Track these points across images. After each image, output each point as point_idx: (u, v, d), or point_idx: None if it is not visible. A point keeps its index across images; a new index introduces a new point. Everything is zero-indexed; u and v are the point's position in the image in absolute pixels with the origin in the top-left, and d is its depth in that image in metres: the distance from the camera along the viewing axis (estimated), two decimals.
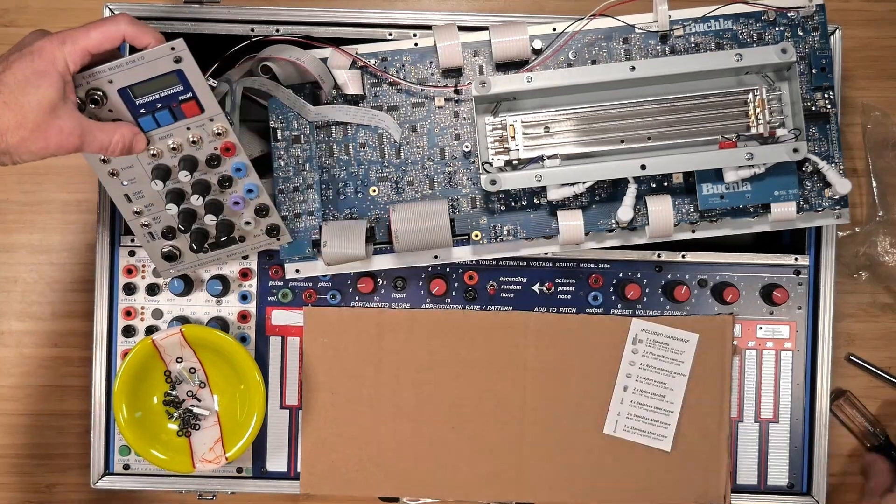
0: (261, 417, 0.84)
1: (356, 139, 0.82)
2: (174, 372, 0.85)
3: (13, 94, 0.64)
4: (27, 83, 0.65)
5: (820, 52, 0.79)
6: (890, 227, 0.97)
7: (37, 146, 0.66)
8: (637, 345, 0.87)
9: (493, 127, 0.78)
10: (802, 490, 0.89)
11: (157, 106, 0.73)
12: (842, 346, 0.99)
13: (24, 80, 0.65)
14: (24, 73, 0.65)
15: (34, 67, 0.65)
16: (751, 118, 0.77)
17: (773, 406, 0.89)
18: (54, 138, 0.66)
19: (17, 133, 0.64)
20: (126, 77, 0.71)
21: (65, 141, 0.66)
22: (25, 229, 0.99)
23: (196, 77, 0.72)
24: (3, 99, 0.64)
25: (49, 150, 0.66)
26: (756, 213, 0.81)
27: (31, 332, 0.99)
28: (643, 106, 0.77)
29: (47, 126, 0.65)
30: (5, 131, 0.64)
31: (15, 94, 0.64)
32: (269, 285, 0.88)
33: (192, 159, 0.76)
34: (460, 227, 0.81)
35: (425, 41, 0.81)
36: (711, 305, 0.88)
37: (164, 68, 0.71)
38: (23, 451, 0.99)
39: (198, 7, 0.85)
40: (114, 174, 0.77)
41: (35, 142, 0.65)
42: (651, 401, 0.87)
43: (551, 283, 0.88)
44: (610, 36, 0.80)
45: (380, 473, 0.88)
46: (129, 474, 0.88)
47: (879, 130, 0.98)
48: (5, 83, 0.64)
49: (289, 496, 0.98)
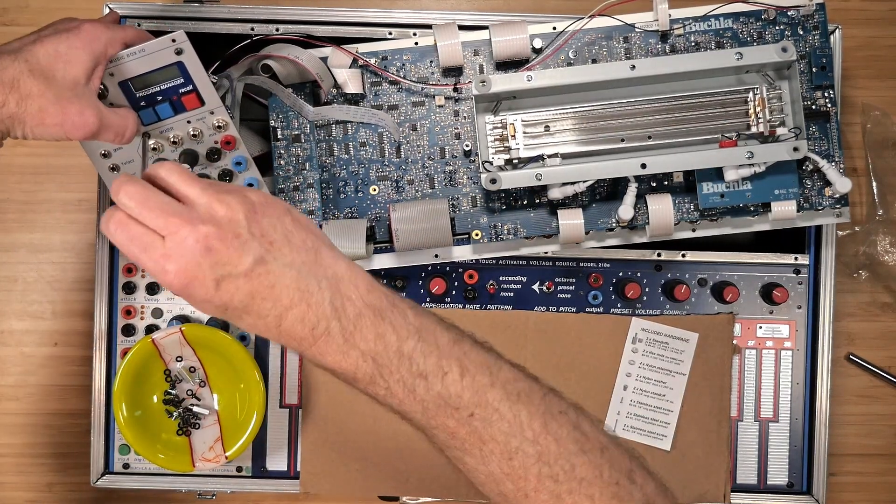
0: (260, 416, 0.84)
1: (356, 138, 0.82)
2: (174, 371, 0.85)
3: (40, 64, 0.63)
4: (59, 57, 0.64)
5: (820, 51, 0.79)
6: (890, 226, 0.97)
7: (53, 120, 0.64)
8: (637, 344, 0.87)
9: (493, 126, 0.78)
10: (802, 489, 0.89)
11: (158, 99, 0.73)
12: (842, 345, 0.99)
13: (56, 54, 0.64)
14: (56, 48, 0.64)
15: (70, 44, 0.65)
16: (751, 117, 0.77)
17: (773, 405, 0.89)
18: (72, 117, 0.64)
19: (38, 101, 0.63)
20: (127, 69, 0.71)
21: (83, 122, 0.65)
22: (26, 228, 0.99)
23: (197, 69, 0.72)
24: (29, 67, 0.63)
25: (64, 128, 0.65)
26: (756, 211, 0.81)
27: (32, 332, 0.99)
28: (643, 105, 0.77)
29: (68, 103, 0.64)
30: (27, 97, 0.63)
31: (42, 65, 0.63)
32: None
33: (192, 153, 0.76)
34: (460, 226, 0.81)
35: (425, 40, 0.81)
36: (711, 305, 0.88)
37: (165, 60, 0.71)
38: (23, 450, 0.99)
39: (198, 6, 0.85)
40: (114, 169, 0.77)
41: (53, 115, 0.64)
42: (651, 400, 0.87)
43: (551, 283, 0.88)
44: (610, 35, 0.80)
45: (380, 473, 0.88)
46: (128, 473, 0.88)
47: (879, 130, 0.98)
48: (34, 53, 0.63)
49: (289, 495, 0.98)
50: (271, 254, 0.54)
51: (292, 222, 0.56)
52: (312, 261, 0.55)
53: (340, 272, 0.56)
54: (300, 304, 0.54)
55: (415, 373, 0.56)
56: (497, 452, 0.58)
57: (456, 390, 0.57)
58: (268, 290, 0.54)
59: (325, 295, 0.55)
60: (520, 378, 0.60)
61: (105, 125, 0.67)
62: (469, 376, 0.57)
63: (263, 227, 0.54)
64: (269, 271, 0.53)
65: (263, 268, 0.53)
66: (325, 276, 0.55)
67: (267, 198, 0.56)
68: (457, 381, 0.57)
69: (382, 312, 0.56)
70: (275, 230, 0.55)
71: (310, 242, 0.56)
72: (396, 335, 0.56)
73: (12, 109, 0.63)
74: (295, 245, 0.55)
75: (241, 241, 0.53)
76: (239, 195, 0.54)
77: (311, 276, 0.55)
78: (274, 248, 0.54)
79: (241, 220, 0.53)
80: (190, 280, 0.53)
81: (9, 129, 0.65)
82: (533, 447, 0.58)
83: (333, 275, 0.56)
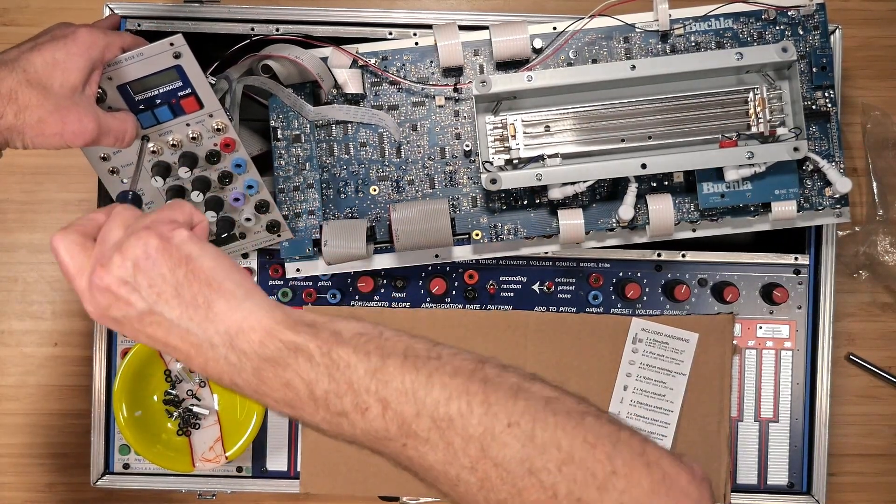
0: (260, 417, 0.84)
1: (356, 138, 0.82)
2: (174, 371, 0.85)
3: (38, 73, 0.63)
4: (56, 65, 0.64)
5: (820, 51, 0.79)
6: (890, 226, 0.97)
7: (52, 130, 0.64)
8: (637, 344, 0.87)
9: (493, 126, 0.78)
10: (802, 489, 0.89)
11: (157, 102, 0.73)
12: (842, 345, 0.99)
13: (52, 63, 0.64)
14: (53, 55, 0.64)
15: (67, 51, 0.64)
16: (751, 117, 0.77)
17: (773, 405, 0.89)
18: (71, 125, 0.65)
19: (37, 112, 0.63)
20: (125, 73, 0.71)
21: (81, 132, 0.65)
22: (26, 229, 0.99)
23: (195, 73, 0.72)
24: (27, 77, 0.63)
25: (64, 136, 0.65)
26: (757, 211, 0.81)
27: (32, 332, 0.99)
28: (644, 105, 0.77)
29: (67, 111, 0.64)
30: (25, 108, 0.63)
31: (40, 75, 0.63)
32: (270, 284, 0.87)
33: (191, 156, 0.76)
34: (461, 227, 0.81)
35: (426, 40, 0.81)
36: (711, 305, 0.88)
37: (164, 64, 0.71)
38: (23, 451, 0.99)
39: (198, 6, 0.85)
40: (114, 172, 0.77)
41: (52, 125, 0.64)
42: (651, 400, 0.87)
43: (551, 283, 0.88)
44: (610, 35, 0.80)
45: (380, 473, 0.88)
46: (128, 473, 0.88)
47: (879, 130, 0.98)
48: (31, 62, 0.63)
49: (289, 496, 0.98)
50: (159, 305, 0.53)
51: (185, 274, 0.54)
52: (203, 317, 0.53)
53: (235, 325, 0.53)
54: (198, 357, 0.54)
55: (334, 412, 0.54)
56: (442, 480, 0.54)
57: (380, 425, 0.54)
58: (163, 338, 0.54)
59: (219, 352, 0.53)
60: (452, 398, 0.53)
61: (104, 131, 0.68)
62: (391, 410, 0.53)
63: (151, 278, 0.53)
64: (160, 322, 0.53)
65: (153, 318, 0.53)
66: (217, 331, 0.53)
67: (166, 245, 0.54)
68: (378, 416, 0.53)
69: (283, 361, 0.53)
70: (164, 282, 0.53)
71: (202, 298, 0.54)
72: (303, 381, 0.53)
73: (10, 121, 0.63)
74: (184, 300, 0.54)
75: (129, 290, 0.53)
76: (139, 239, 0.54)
77: (202, 334, 0.53)
78: (161, 301, 0.53)
79: (127, 267, 0.53)
80: (99, 316, 0.55)
81: (7, 141, 0.65)
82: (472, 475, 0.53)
83: (226, 330, 0.53)
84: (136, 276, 0.53)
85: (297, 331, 0.54)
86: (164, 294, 0.53)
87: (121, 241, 0.54)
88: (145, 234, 0.54)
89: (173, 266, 0.54)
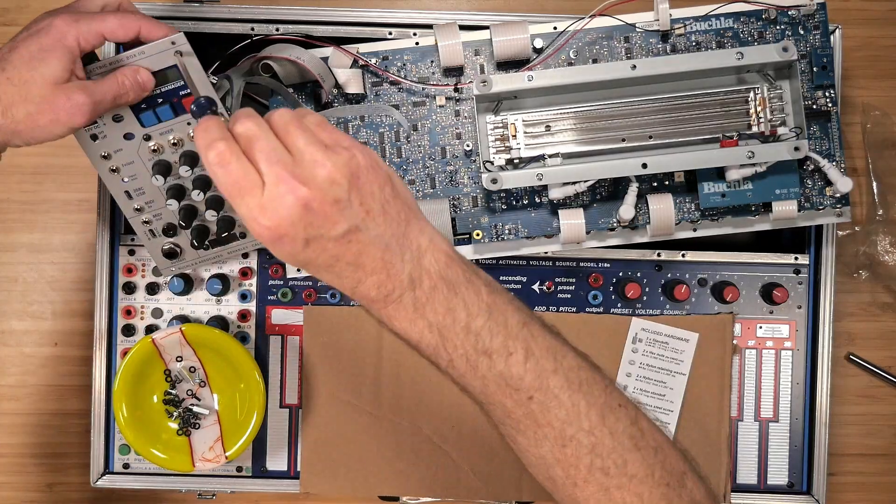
0: (260, 416, 0.84)
1: (357, 138, 0.82)
2: (174, 371, 0.85)
3: (17, 70, 0.63)
4: (32, 59, 0.64)
5: (821, 51, 0.79)
6: (890, 226, 0.97)
7: (45, 119, 0.64)
8: (637, 344, 0.87)
9: (494, 126, 0.78)
10: (802, 489, 0.89)
11: (158, 101, 0.73)
12: (842, 345, 0.99)
13: (29, 58, 0.64)
14: (29, 51, 0.64)
15: (40, 44, 0.64)
16: (752, 117, 0.77)
17: (773, 405, 0.89)
18: (63, 108, 0.64)
19: (23, 108, 0.63)
20: None
21: (76, 109, 0.65)
22: (26, 229, 0.99)
23: (197, 71, 0.72)
24: (6, 76, 0.63)
25: (60, 122, 0.65)
26: (757, 211, 0.81)
27: (32, 332, 0.99)
28: (644, 105, 0.77)
29: (54, 97, 0.64)
30: (9, 106, 0.63)
31: (20, 71, 0.63)
32: (270, 284, 0.87)
33: (192, 154, 0.76)
34: (461, 226, 0.81)
35: (426, 40, 0.81)
36: (711, 304, 0.88)
37: (165, 63, 0.71)
38: (23, 451, 0.99)
39: (198, 6, 0.85)
40: (115, 170, 0.77)
41: (43, 115, 0.64)
42: (651, 400, 0.87)
43: (551, 283, 0.88)
44: (611, 35, 0.80)
45: (380, 473, 0.88)
46: (128, 473, 0.88)
47: (879, 130, 0.98)
48: (10, 61, 0.63)
49: (289, 495, 0.98)
50: (366, 223, 0.54)
51: (391, 192, 0.56)
52: (402, 234, 0.56)
53: (425, 245, 0.57)
54: (380, 272, 0.55)
55: (479, 350, 0.57)
56: (551, 438, 0.58)
57: (518, 372, 0.57)
58: (354, 256, 0.54)
59: (405, 268, 0.55)
60: (583, 367, 0.60)
61: (99, 97, 0.67)
62: (533, 360, 0.57)
63: (363, 195, 0.54)
64: (360, 240, 0.54)
65: (355, 236, 0.54)
66: (409, 248, 0.56)
67: (373, 162, 0.55)
68: (520, 362, 0.57)
69: (457, 287, 0.57)
70: (373, 199, 0.55)
71: (403, 215, 0.56)
72: (467, 311, 0.56)
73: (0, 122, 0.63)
74: (390, 216, 0.55)
75: (340, 208, 0.53)
76: (346, 155, 0.54)
77: (397, 250, 0.55)
78: (369, 218, 0.54)
79: (342, 184, 0.53)
80: (280, 236, 0.53)
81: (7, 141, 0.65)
82: (588, 438, 0.58)
83: (418, 247, 0.56)
84: (350, 195, 0.53)
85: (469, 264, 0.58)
86: (372, 211, 0.54)
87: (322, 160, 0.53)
88: (348, 153, 0.54)
89: (382, 184, 0.55)
